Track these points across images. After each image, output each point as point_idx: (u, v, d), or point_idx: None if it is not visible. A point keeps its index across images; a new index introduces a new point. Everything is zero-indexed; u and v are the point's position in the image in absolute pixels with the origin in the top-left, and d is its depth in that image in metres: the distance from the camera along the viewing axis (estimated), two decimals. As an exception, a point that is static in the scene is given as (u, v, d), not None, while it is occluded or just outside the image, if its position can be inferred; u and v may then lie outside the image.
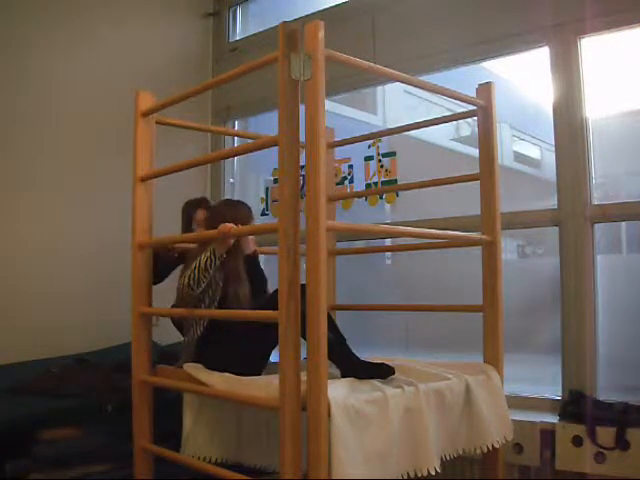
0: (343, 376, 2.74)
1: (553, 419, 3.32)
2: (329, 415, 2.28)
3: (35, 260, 4.18)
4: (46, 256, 4.20)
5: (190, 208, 3.74)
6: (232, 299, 3.10)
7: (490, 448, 2.86)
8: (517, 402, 3.44)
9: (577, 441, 3.15)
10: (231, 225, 2.87)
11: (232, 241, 3.01)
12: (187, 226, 3.70)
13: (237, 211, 3.22)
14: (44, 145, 4.30)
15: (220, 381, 2.78)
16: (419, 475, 2.52)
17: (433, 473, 2.53)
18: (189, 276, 2.95)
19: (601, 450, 3.09)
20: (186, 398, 3.02)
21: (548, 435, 3.27)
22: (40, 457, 3.18)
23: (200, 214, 3.65)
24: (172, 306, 3.20)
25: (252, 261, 3.28)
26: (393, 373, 2.77)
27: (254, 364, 3.00)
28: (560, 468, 3.20)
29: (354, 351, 2.90)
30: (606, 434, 3.09)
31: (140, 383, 3.08)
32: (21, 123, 4.21)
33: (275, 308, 2.36)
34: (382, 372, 2.77)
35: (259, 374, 2.97)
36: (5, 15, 4.21)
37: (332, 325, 2.94)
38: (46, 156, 4.31)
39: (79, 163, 4.44)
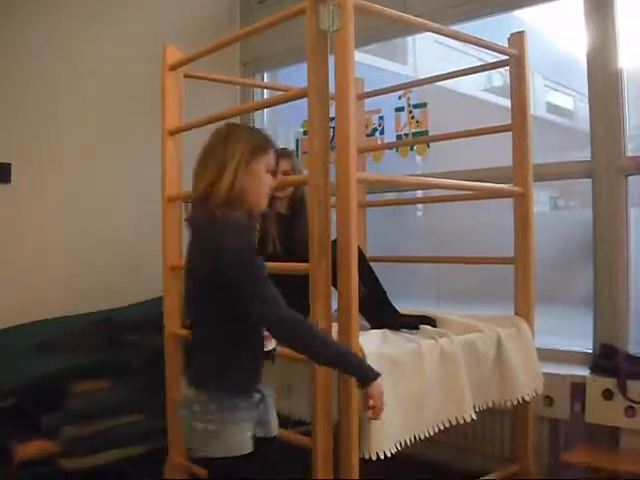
0: (377, 327, 2.75)
1: (584, 372, 3.31)
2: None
3: (65, 215, 4.24)
4: (75, 210, 4.23)
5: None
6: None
7: (520, 401, 2.88)
8: (548, 355, 3.43)
9: (608, 395, 3.15)
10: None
11: None
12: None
13: None
14: (74, 103, 4.31)
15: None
16: (457, 423, 2.56)
17: (469, 421, 2.56)
18: None
19: (632, 404, 3.08)
20: None
21: (579, 388, 3.26)
22: (73, 410, 3.26)
23: (284, 164, 3.32)
24: None
25: None
26: (435, 324, 2.86)
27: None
28: (590, 421, 3.20)
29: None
30: (637, 388, 3.08)
31: (171, 336, 3.12)
32: (50, 81, 4.23)
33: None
34: (426, 322, 2.86)
35: None
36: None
37: (371, 275, 2.95)
38: (79, 113, 4.33)
39: (109, 118, 4.44)
